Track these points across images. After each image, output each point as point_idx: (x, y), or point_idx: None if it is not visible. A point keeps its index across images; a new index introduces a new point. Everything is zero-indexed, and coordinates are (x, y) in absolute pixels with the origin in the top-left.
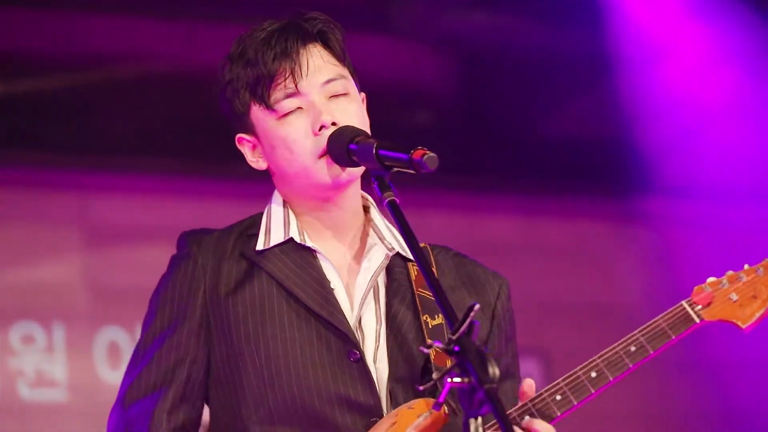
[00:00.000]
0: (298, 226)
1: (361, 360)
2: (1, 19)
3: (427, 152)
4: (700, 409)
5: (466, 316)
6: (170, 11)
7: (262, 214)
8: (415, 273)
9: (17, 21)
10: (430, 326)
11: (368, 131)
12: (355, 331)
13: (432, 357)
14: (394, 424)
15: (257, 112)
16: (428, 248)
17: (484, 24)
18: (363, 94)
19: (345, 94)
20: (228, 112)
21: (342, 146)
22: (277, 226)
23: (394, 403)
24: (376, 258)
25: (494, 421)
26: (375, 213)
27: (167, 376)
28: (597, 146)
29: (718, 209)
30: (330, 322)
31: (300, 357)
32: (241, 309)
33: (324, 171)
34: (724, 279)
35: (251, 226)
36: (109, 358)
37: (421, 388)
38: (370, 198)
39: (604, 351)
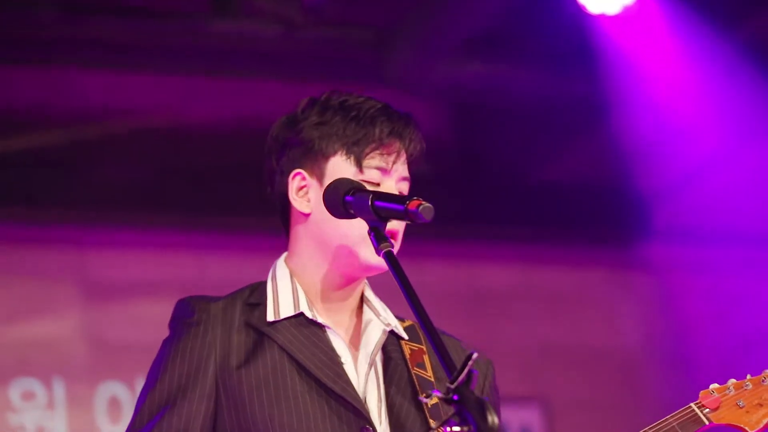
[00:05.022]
0: (307, 301)
1: None
2: None
3: (423, 203)
4: None
5: (465, 365)
6: (165, 66)
7: (262, 283)
8: (409, 352)
9: (12, 77)
10: (429, 406)
11: None
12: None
13: None
14: None
15: (340, 163)
16: (416, 326)
17: (478, 73)
18: None
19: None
20: (296, 144)
21: (338, 198)
22: (285, 298)
23: None
24: (374, 334)
25: None
26: (368, 289)
27: None
28: (595, 193)
29: (717, 254)
30: (343, 397)
31: (314, 429)
32: (255, 380)
33: (372, 250)
34: (730, 386)
35: (253, 295)
36: (110, 413)
37: None
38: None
39: None
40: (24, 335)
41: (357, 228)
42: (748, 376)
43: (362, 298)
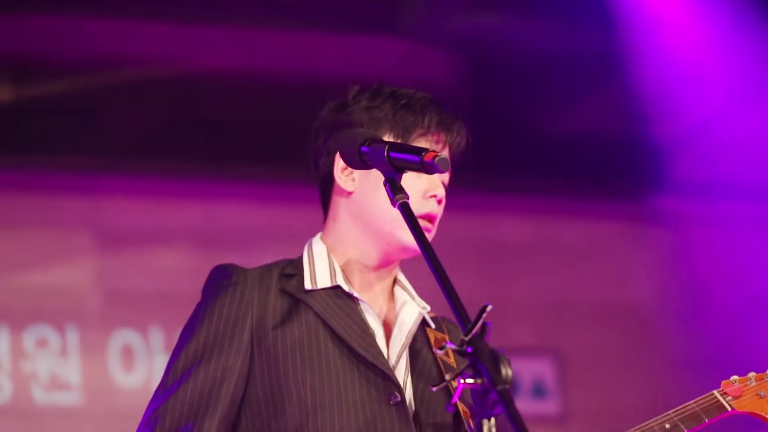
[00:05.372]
0: (343, 276)
1: (402, 403)
2: (9, 24)
3: (439, 154)
4: None
5: (479, 317)
6: (178, 14)
7: (297, 258)
8: (433, 339)
9: (25, 25)
10: (453, 386)
11: None
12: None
13: (461, 412)
14: None
15: None
16: (440, 321)
17: (494, 24)
18: None
19: (445, 186)
20: (345, 126)
21: (354, 148)
22: (322, 270)
23: None
24: (410, 315)
25: None
26: (400, 273)
27: (213, 393)
28: (610, 145)
29: (732, 207)
30: (373, 364)
31: (344, 394)
32: (289, 341)
33: (409, 232)
34: (751, 377)
35: (289, 267)
36: (123, 360)
37: (435, 389)
38: None
39: (637, 426)
40: (38, 283)
41: (398, 215)
42: None
43: (394, 282)
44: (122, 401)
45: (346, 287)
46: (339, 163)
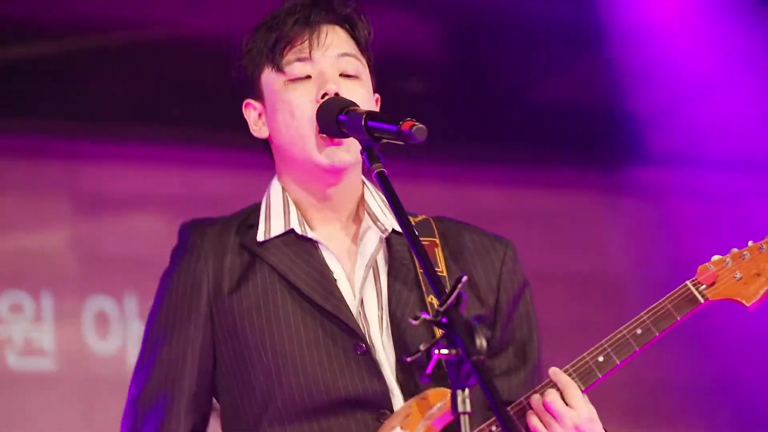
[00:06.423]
0: (298, 216)
1: (368, 352)
2: None
3: (416, 123)
4: (696, 379)
5: (454, 287)
6: None
7: (261, 203)
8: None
9: None
10: (436, 307)
11: None
12: (359, 321)
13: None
14: (407, 416)
15: (268, 75)
16: (430, 220)
17: None
18: (377, 96)
19: (356, 76)
20: (241, 78)
21: (331, 117)
22: (276, 215)
23: (405, 390)
24: (371, 242)
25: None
26: (368, 194)
27: (177, 372)
28: (587, 115)
29: (709, 179)
30: (334, 315)
31: (306, 352)
32: (246, 303)
33: (317, 149)
34: (728, 257)
35: (250, 216)
36: (98, 327)
37: (409, 359)
38: (365, 179)
39: (611, 335)
40: (13, 247)
41: (298, 133)
42: (750, 243)
43: (362, 204)
44: (96, 368)
45: (299, 230)
46: (249, 115)
